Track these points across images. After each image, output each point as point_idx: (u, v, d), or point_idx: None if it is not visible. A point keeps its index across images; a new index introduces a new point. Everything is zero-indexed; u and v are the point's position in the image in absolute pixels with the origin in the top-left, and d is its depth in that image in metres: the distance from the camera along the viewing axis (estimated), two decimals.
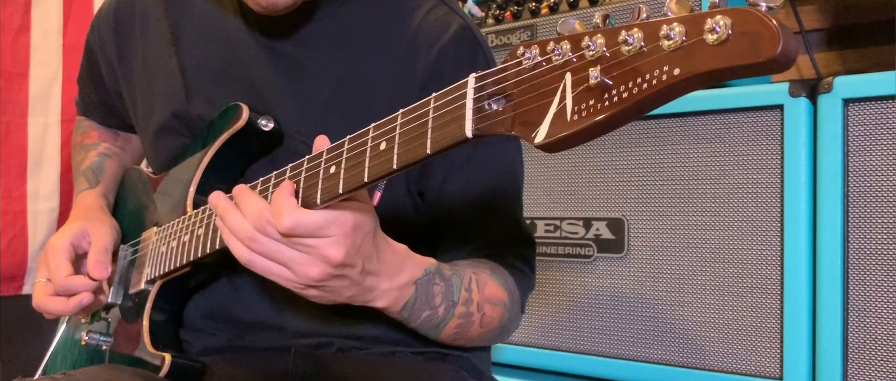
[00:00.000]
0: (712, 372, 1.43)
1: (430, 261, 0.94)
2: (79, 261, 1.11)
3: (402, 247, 0.91)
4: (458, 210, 1.05)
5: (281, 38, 1.07)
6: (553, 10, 1.72)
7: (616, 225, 1.56)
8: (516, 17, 1.79)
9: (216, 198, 0.88)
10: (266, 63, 1.07)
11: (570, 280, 1.62)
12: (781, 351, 1.36)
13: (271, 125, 1.03)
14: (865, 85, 1.30)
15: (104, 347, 1.15)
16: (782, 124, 1.37)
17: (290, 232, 0.78)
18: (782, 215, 1.37)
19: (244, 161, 1.07)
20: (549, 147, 0.61)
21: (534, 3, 1.76)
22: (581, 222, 1.61)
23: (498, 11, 1.82)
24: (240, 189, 0.86)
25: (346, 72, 1.05)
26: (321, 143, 0.85)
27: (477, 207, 1.05)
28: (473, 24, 1.09)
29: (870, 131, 1.30)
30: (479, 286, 0.98)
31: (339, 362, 1.05)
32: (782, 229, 1.37)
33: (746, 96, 1.41)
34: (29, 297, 1.11)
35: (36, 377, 1.26)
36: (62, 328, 1.31)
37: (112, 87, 1.25)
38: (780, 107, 1.37)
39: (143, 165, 1.34)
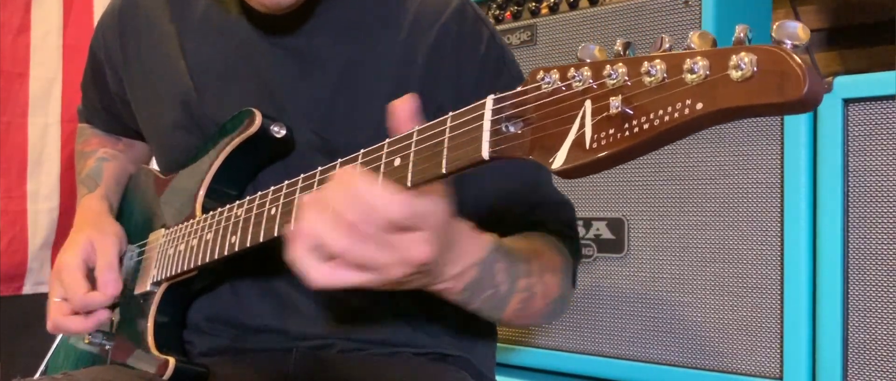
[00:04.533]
0: (712, 372, 1.43)
1: (493, 238, 0.87)
2: (90, 275, 1.12)
3: (467, 227, 0.83)
4: (494, 184, 1.02)
5: (285, 33, 1.07)
6: (553, 10, 1.72)
7: (616, 225, 1.57)
8: (516, 17, 1.79)
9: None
10: (272, 59, 1.07)
11: None
12: (781, 351, 1.37)
13: (283, 132, 1.03)
14: (865, 85, 1.30)
15: (107, 346, 1.15)
16: (782, 124, 1.37)
17: (403, 222, 0.69)
18: (782, 215, 1.37)
19: (254, 166, 1.07)
20: (567, 174, 0.61)
21: (534, 3, 1.76)
22: (581, 222, 1.61)
23: (498, 11, 1.82)
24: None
25: (351, 60, 1.05)
26: (400, 111, 0.74)
27: (513, 176, 1.02)
28: (473, 2, 1.09)
29: (870, 131, 1.30)
30: (538, 256, 0.95)
31: (340, 363, 1.05)
32: (782, 229, 1.37)
33: None
34: (29, 297, 1.11)
35: (36, 376, 1.26)
36: None
37: (116, 91, 1.25)
38: None
39: (151, 166, 1.34)
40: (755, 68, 0.51)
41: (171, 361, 1.00)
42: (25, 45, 2.14)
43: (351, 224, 0.68)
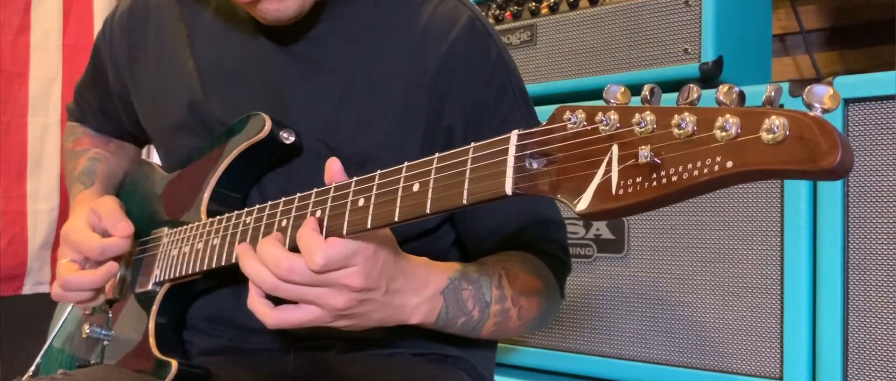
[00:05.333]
0: (712, 372, 1.43)
1: (454, 267, 0.93)
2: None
3: (422, 260, 0.90)
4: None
5: (293, 38, 1.07)
6: (553, 10, 1.72)
7: (616, 225, 1.56)
8: (516, 17, 1.79)
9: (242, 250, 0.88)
10: (279, 64, 1.07)
11: (571, 280, 1.62)
12: (781, 351, 1.37)
13: (292, 139, 1.02)
14: (865, 85, 1.30)
15: (105, 341, 1.14)
16: None
17: (324, 268, 0.79)
18: (782, 215, 1.37)
19: (260, 170, 1.06)
20: (592, 217, 0.61)
21: (534, 3, 1.76)
22: (581, 222, 1.61)
23: (498, 11, 1.82)
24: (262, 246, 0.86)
25: (357, 68, 1.05)
26: (333, 166, 0.84)
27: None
28: (483, 16, 1.09)
29: (870, 131, 1.30)
30: (511, 281, 0.97)
31: (339, 363, 1.05)
32: (782, 229, 1.37)
33: (746, 97, 1.41)
34: (29, 297, 1.10)
35: (27, 376, 1.26)
36: (57, 329, 1.30)
37: (117, 90, 1.25)
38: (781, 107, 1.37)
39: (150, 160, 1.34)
40: (787, 132, 0.50)
41: (174, 363, 1.00)
42: (25, 45, 2.14)
43: (287, 270, 0.80)
